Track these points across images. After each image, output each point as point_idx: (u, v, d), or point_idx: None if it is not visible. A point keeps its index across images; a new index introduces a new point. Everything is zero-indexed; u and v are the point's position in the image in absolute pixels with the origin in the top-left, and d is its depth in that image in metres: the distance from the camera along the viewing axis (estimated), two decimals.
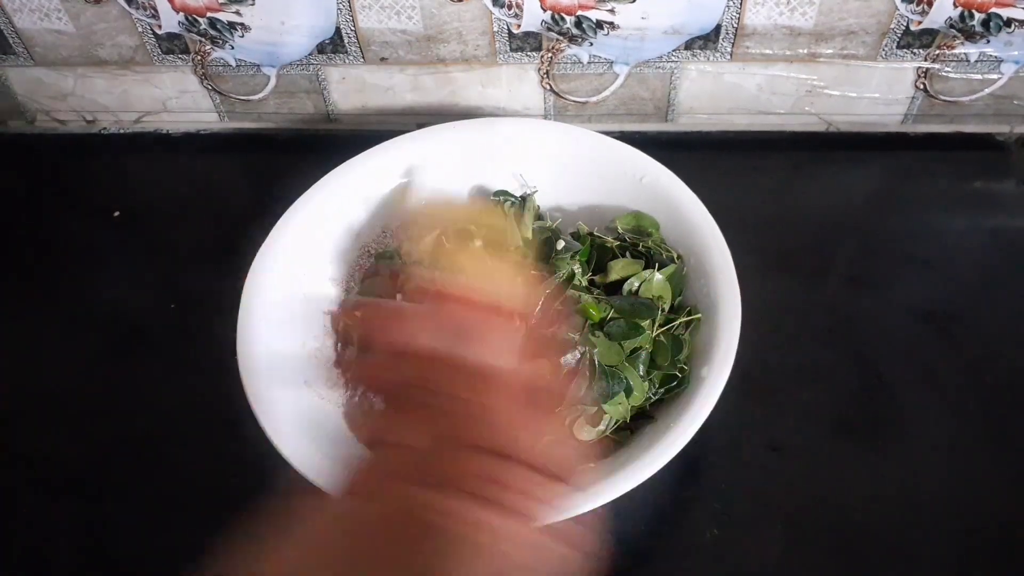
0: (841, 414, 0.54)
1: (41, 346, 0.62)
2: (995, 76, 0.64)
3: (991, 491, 0.50)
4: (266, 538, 0.27)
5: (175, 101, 0.72)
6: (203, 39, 0.66)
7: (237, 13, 0.64)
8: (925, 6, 0.59)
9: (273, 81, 0.69)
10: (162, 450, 0.55)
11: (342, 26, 0.64)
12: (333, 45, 0.66)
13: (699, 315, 0.51)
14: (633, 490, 0.43)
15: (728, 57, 0.64)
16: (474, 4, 0.61)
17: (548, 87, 0.68)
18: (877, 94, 0.66)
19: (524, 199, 0.58)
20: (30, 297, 0.65)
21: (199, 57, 0.68)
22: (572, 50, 0.64)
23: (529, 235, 0.54)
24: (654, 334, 0.50)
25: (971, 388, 0.54)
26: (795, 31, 0.62)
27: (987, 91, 0.65)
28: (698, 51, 0.64)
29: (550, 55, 0.65)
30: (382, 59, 0.66)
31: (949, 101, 0.66)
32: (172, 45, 0.67)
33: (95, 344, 0.61)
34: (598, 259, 0.54)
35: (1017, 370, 0.55)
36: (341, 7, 0.63)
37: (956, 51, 0.62)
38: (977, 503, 0.49)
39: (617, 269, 0.52)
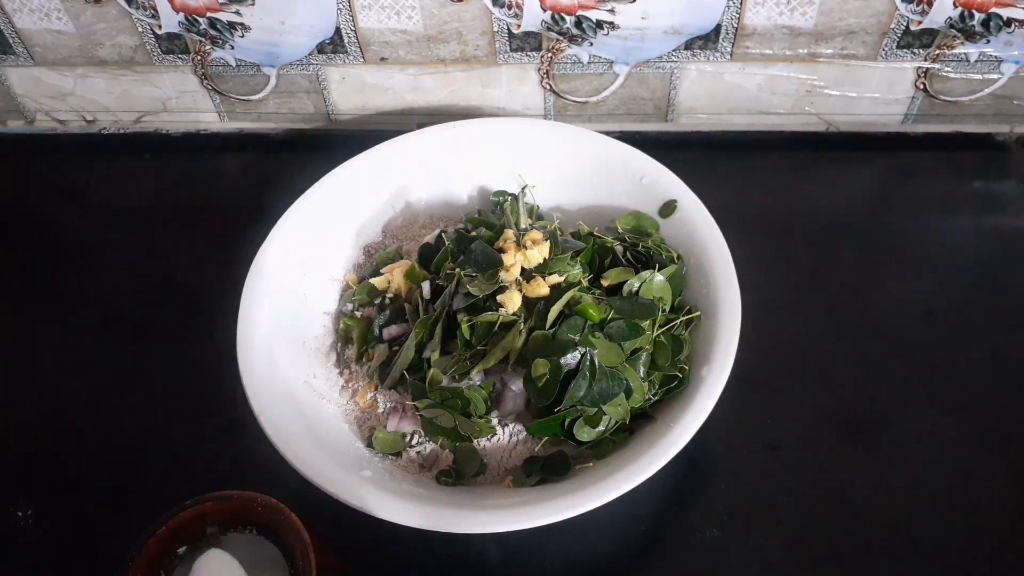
0: (841, 414, 0.54)
1: (41, 346, 0.62)
2: (995, 76, 0.64)
3: (992, 490, 0.50)
4: None
5: (175, 101, 0.72)
6: (203, 39, 0.66)
7: (237, 13, 0.64)
8: (925, 6, 0.59)
9: (273, 81, 0.69)
10: (162, 450, 0.55)
11: (342, 26, 0.64)
12: (333, 45, 0.66)
13: (699, 313, 0.51)
14: (633, 490, 0.43)
15: (728, 57, 0.64)
16: (474, 4, 0.61)
17: (548, 87, 0.68)
18: (877, 94, 0.66)
19: (516, 196, 0.58)
20: (30, 297, 0.65)
21: (199, 57, 0.68)
22: (572, 50, 0.64)
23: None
24: (654, 335, 0.50)
25: (971, 388, 0.54)
26: (795, 31, 0.62)
27: (987, 91, 0.65)
28: (698, 51, 0.64)
29: (550, 55, 0.65)
30: (382, 59, 0.66)
31: (949, 101, 0.66)
32: (172, 45, 0.67)
33: (95, 344, 0.61)
34: (599, 260, 0.54)
35: (1018, 370, 0.55)
36: (341, 7, 0.63)
37: (956, 51, 0.62)
38: (978, 502, 0.49)
39: (612, 276, 0.52)
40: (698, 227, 0.53)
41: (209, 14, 0.64)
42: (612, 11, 0.61)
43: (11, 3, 0.65)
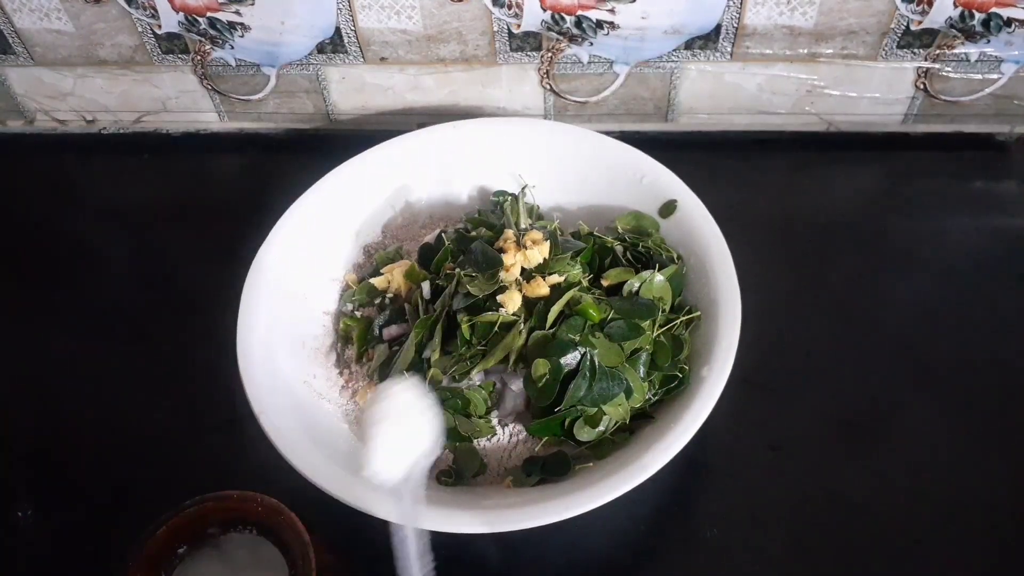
0: (841, 414, 0.54)
1: (41, 346, 0.62)
2: (995, 76, 0.64)
3: (991, 490, 0.50)
4: None
5: (175, 101, 0.72)
6: (203, 39, 0.66)
7: (237, 13, 0.64)
8: (925, 6, 0.59)
9: (273, 81, 0.69)
10: (161, 450, 0.55)
11: (342, 26, 0.64)
12: (333, 45, 0.66)
13: (699, 313, 0.51)
14: (633, 490, 0.43)
15: (728, 57, 0.64)
16: (474, 4, 0.61)
17: (548, 87, 0.68)
18: (877, 94, 0.66)
19: (516, 196, 0.58)
20: (30, 297, 0.65)
21: (199, 57, 0.68)
22: (572, 50, 0.64)
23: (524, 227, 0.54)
24: (654, 335, 0.50)
25: (970, 388, 0.54)
26: (795, 31, 0.62)
27: (987, 91, 0.65)
28: (698, 51, 0.64)
29: (550, 55, 0.65)
30: (382, 59, 0.66)
31: (949, 101, 0.66)
32: (172, 45, 0.67)
33: (95, 344, 0.61)
34: (599, 260, 0.54)
35: (1017, 370, 0.55)
36: (341, 7, 0.62)
37: (956, 51, 0.62)
38: (977, 502, 0.49)
39: (612, 276, 0.52)
40: (698, 227, 0.53)
41: (209, 14, 0.64)
42: (612, 11, 0.61)
43: (11, 3, 0.65)
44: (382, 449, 0.37)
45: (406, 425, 0.38)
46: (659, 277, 0.51)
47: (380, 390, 0.38)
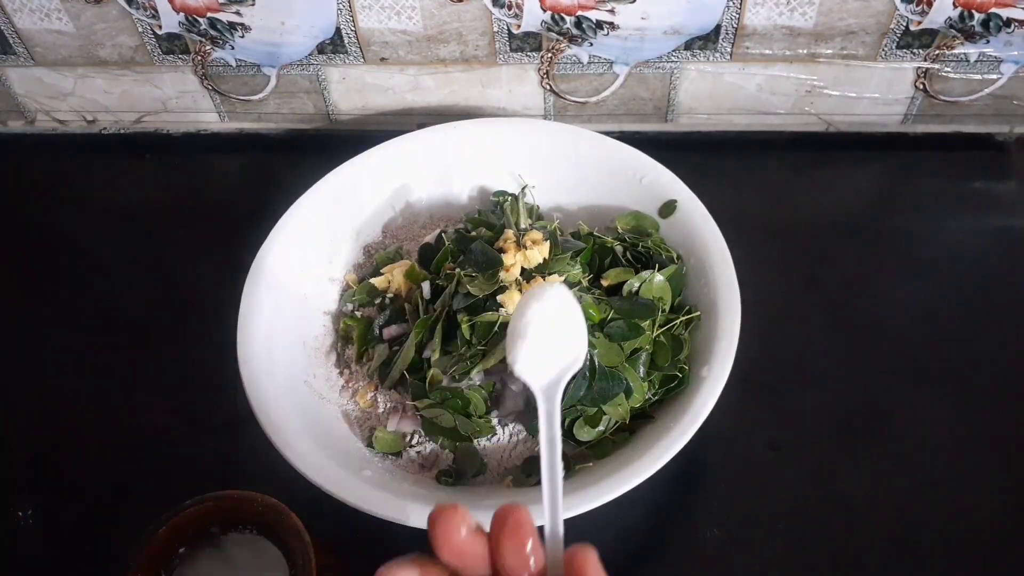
0: (840, 414, 0.54)
1: (40, 346, 0.62)
2: (995, 76, 0.64)
3: (992, 490, 0.50)
4: None
5: (175, 101, 0.72)
6: (203, 39, 0.66)
7: (237, 13, 0.64)
8: (925, 6, 0.59)
9: (273, 81, 0.69)
10: (162, 450, 0.55)
11: (342, 26, 0.64)
12: (333, 45, 0.66)
13: (698, 313, 0.51)
14: (633, 490, 0.43)
15: (728, 57, 0.64)
16: (474, 4, 0.62)
17: (548, 87, 0.68)
18: (877, 94, 0.66)
19: (517, 196, 0.58)
20: (30, 297, 0.65)
21: (199, 57, 0.68)
22: (572, 50, 0.64)
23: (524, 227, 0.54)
24: (654, 335, 0.50)
25: (971, 388, 0.54)
26: (795, 31, 0.62)
27: (987, 91, 0.65)
28: (698, 51, 0.64)
29: (550, 55, 0.65)
30: (382, 59, 0.67)
31: (949, 101, 0.66)
32: (172, 45, 0.67)
33: (95, 345, 0.61)
34: (599, 260, 0.54)
35: (1017, 371, 0.55)
36: (341, 7, 0.63)
37: (956, 51, 0.62)
38: (978, 502, 0.49)
39: (612, 276, 0.52)
40: (698, 227, 0.53)
41: (209, 14, 0.64)
42: (612, 11, 0.61)
43: (11, 3, 0.65)
44: (533, 350, 0.35)
45: (559, 329, 0.36)
46: (659, 277, 0.51)
47: (535, 290, 0.36)
